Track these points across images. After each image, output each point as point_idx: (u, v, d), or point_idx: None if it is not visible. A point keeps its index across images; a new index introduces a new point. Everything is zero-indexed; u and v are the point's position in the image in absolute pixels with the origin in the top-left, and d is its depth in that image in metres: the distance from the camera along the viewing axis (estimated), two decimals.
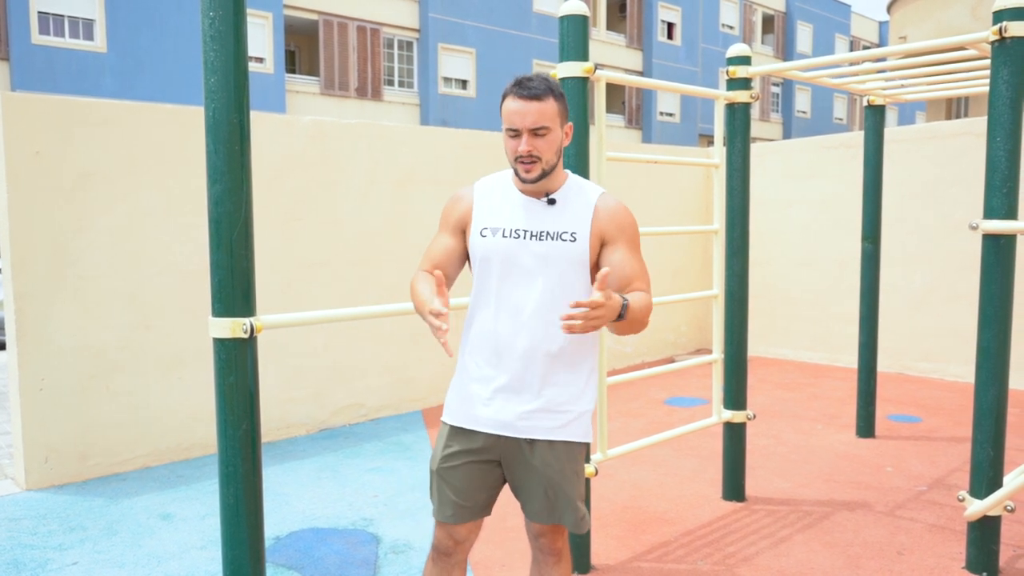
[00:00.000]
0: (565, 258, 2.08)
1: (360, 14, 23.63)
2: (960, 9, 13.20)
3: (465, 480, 2.15)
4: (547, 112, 2.02)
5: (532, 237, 2.08)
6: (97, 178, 4.52)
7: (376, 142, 5.76)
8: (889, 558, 3.40)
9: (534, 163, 2.04)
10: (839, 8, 41.27)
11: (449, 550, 2.22)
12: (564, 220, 2.10)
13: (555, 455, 2.12)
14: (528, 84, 2.02)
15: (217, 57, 2.04)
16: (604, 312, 1.85)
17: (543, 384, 2.09)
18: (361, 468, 4.70)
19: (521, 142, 2.02)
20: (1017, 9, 2.99)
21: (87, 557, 3.49)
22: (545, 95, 2.02)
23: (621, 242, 2.11)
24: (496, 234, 2.10)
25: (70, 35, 18.36)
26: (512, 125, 2.02)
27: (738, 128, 3.94)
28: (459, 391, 2.18)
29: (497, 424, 2.11)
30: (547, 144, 2.04)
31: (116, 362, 4.62)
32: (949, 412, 5.87)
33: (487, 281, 2.12)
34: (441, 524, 2.20)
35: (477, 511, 2.19)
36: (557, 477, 2.12)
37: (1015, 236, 3.10)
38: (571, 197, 2.13)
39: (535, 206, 2.11)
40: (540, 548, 2.24)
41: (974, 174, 6.51)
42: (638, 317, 2.01)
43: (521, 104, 2.01)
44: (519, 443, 2.12)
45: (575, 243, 2.08)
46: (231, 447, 2.16)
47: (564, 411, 2.12)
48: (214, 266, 2.11)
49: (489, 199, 2.16)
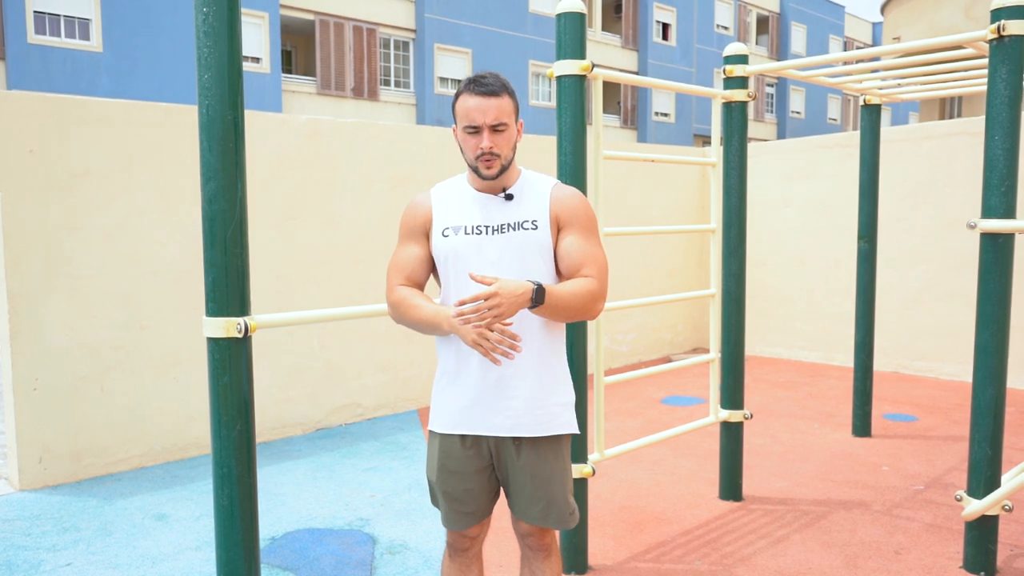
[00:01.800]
0: (528, 246, 2.08)
1: (356, 14, 23.59)
2: (953, 10, 13.23)
3: (464, 490, 2.17)
4: (505, 108, 2.04)
5: (494, 231, 2.09)
6: (91, 177, 4.49)
7: (372, 141, 5.74)
8: (886, 557, 3.39)
9: (495, 159, 2.05)
10: (833, 9, 41.33)
11: (465, 546, 2.27)
12: (522, 210, 2.11)
13: (540, 453, 2.13)
14: (484, 81, 2.03)
15: (211, 53, 2.02)
16: (502, 301, 1.86)
17: (522, 380, 2.09)
18: (358, 468, 4.68)
19: (483, 139, 2.03)
20: (1015, 7, 2.99)
21: (81, 558, 3.46)
22: (502, 92, 2.04)
23: (574, 227, 2.11)
24: (458, 232, 2.10)
25: (66, 35, 18.29)
26: (472, 122, 2.03)
27: (735, 127, 3.93)
28: (442, 398, 2.18)
29: (483, 426, 2.12)
30: (506, 140, 2.06)
31: (110, 362, 4.59)
32: (945, 411, 5.87)
33: (455, 281, 2.12)
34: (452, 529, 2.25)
35: (482, 514, 2.23)
36: (544, 475, 2.13)
37: (1013, 235, 3.09)
38: (526, 190, 2.14)
39: (492, 202, 2.12)
40: (528, 545, 2.26)
41: (969, 173, 6.52)
42: (568, 302, 2.00)
43: (480, 101, 2.02)
44: (506, 443, 2.13)
45: (536, 230, 2.09)
46: (225, 448, 2.14)
47: (546, 406, 2.12)
48: (208, 265, 2.09)
49: (447, 201, 2.16)
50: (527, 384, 2.10)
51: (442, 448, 2.18)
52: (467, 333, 1.94)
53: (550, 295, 1.95)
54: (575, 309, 2.02)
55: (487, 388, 2.10)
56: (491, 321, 1.88)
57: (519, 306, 1.91)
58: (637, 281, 7.80)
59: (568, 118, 3.10)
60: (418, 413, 5.95)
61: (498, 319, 1.89)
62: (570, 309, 2.01)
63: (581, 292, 2.02)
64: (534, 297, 1.93)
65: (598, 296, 2.06)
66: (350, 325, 5.64)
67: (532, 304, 1.94)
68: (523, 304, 1.91)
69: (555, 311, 1.99)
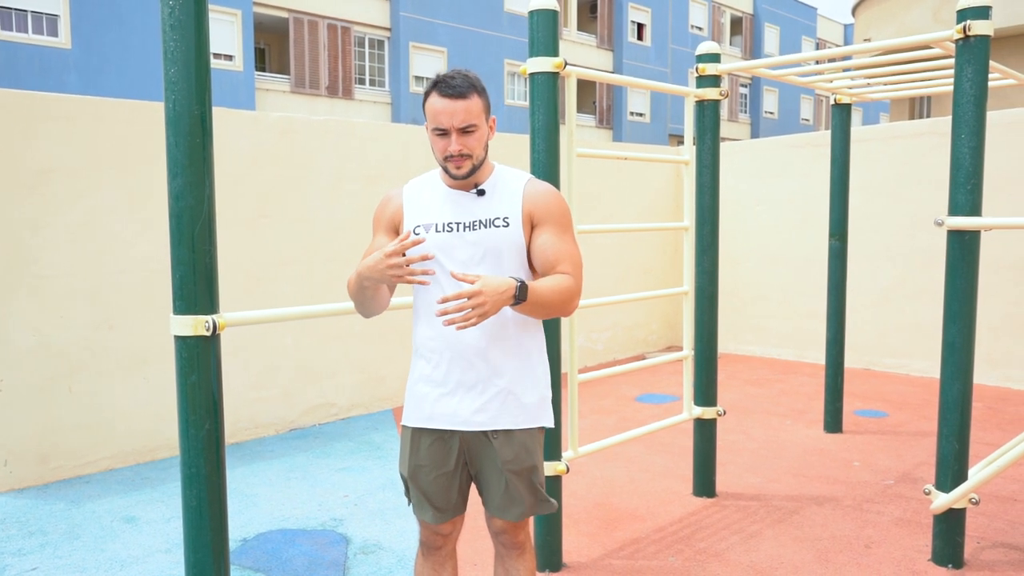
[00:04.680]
0: (501, 243, 2.06)
1: (330, 12, 23.43)
2: (922, 12, 13.42)
3: (436, 485, 2.16)
4: (473, 110, 2.00)
5: (466, 228, 2.07)
6: (58, 174, 4.41)
7: (345, 139, 5.70)
8: (857, 551, 3.43)
9: (465, 159, 2.02)
10: (805, 11, 41.77)
11: (438, 544, 2.25)
12: (495, 207, 2.08)
13: (513, 446, 2.12)
14: (452, 83, 1.99)
15: (177, 47, 1.99)
16: (486, 299, 1.84)
17: (497, 375, 2.08)
18: (331, 468, 4.65)
19: (451, 142, 2.00)
20: (980, 8, 3.03)
21: (47, 562, 3.40)
22: (470, 92, 2.00)
23: (548, 224, 2.09)
24: (429, 230, 2.08)
25: (33, 31, 17.97)
26: (440, 125, 2.00)
27: (708, 125, 3.95)
28: (415, 393, 2.17)
29: (456, 420, 2.10)
30: (476, 141, 2.03)
31: (78, 362, 4.51)
32: (914, 407, 5.95)
33: (431, 277, 2.09)
34: (426, 524, 2.22)
35: (455, 509, 2.21)
36: (517, 468, 2.12)
37: (979, 232, 3.14)
38: (499, 185, 2.11)
39: (464, 198, 2.10)
40: (502, 543, 2.24)
41: (936, 172, 6.62)
42: (549, 299, 1.98)
43: (448, 103, 1.98)
44: (480, 436, 2.12)
45: (508, 227, 2.07)
46: (194, 448, 2.11)
47: (521, 400, 2.11)
48: (175, 262, 2.06)
49: (419, 197, 2.14)
50: (502, 378, 2.09)
51: (414, 443, 2.16)
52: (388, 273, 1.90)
53: (532, 292, 1.94)
54: (554, 306, 2.01)
55: (461, 382, 2.09)
56: (476, 320, 1.86)
57: (503, 303, 1.89)
58: (612, 279, 7.82)
59: (541, 115, 3.10)
60: (393, 412, 5.92)
61: (483, 318, 1.86)
62: (550, 306, 2.00)
63: (560, 289, 2.01)
64: (517, 294, 1.91)
65: (575, 293, 2.05)
66: (323, 324, 5.60)
67: (515, 301, 1.92)
68: (506, 302, 1.90)
69: (535, 308, 1.98)
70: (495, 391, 2.09)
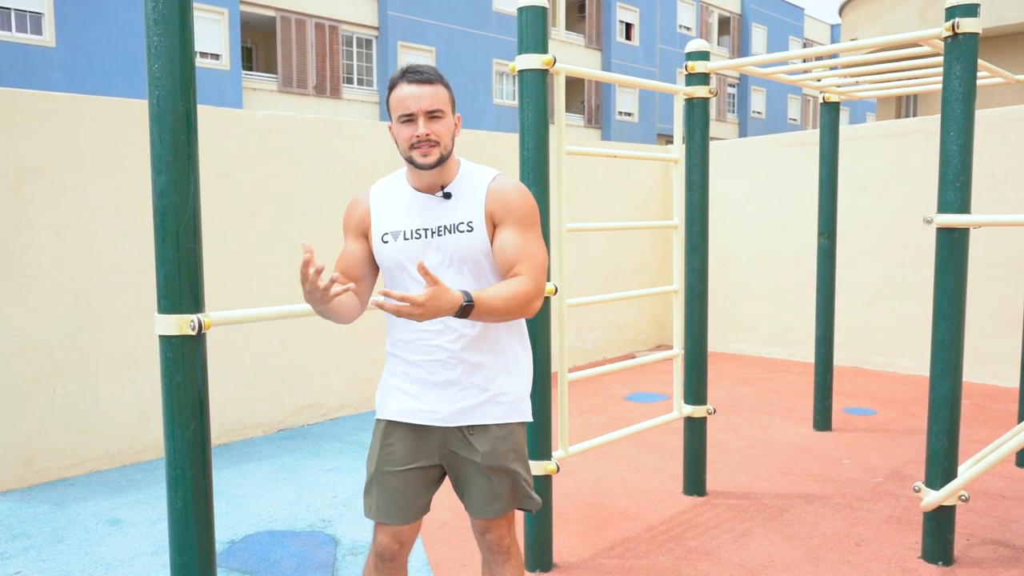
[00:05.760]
0: (465, 249, 2.02)
1: (318, 11, 23.33)
2: (908, 12, 13.50)
3: (405, 481, 2.11)
4: (440, 96, 1.98)
5: (433, 234, 2.03)
6: (42, 172, 4.36)
7: (333, 137, 5.67)
8: (847, 549, 3.43)
9: (433, 146, 1.98)
10: (792, 11, 41.96)
11: (394, 554, 2.16)
12: (459, 210, 2.04)
13: (492, 441, 2.08)
14: (419, 69, 1.99)
15: (161, 42, 1.96)
16: (424, 313, 1.76)
17: (475, 372, 2.06)
18: (320, 469, 4.61)
19: (418, 126, 1.96)
20: (969, 6, 3.03)
21: (31, 566, 3.35)
22: (436, 80, 1.99)
23: (509, 223, 2.03)
24: (397, 238, 2.04)
25: (17, 29, 17.80)
26: (407, 110, 1.96)
27: (697, 123, 3.94)
28: (392, 389, 2.13)
29: (434, 417, 2.07)
30: (444, 128, 1.99)
31: (63, 363, 4.46)
32: (903, 404, 5.98)
33: (398, 284, 2.07)
34: (385, 527, 2.14)
35: (419, 511, 2.16)
36: (497, 462, 2.08)
37: (968, 230, 3.14)
38: (465, 186, 2.06)
39: (431, 202, 2.05)
40: (488, 547, 2.19)
41: (925, 171, 6.65)
42: (500, 308, 1.91)
43: (415, 88, 1.97)
44: (458, 434, 2.09)
45: (472, 232, 2.02)
46: (179, 449, 2.08)
47: (499, 397, 2.09)
48: (159, 260, 2.02)
49: (385, 202, 2.10)
50: (481, 376, 2.06)
51: (386, 435, 2.12)
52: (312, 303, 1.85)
53: (479, 306, 1.86)
54: (509, 312, 1.94)
55: (439, 380, 2.06)
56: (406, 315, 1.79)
57: (441, 316, 1.83)
58: (601, 278, 7.82)
59: (530, 113, 3.08)
60: None
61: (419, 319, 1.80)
62: (504, 313, 1.93)
63: (514, 294, 1.94)
64: (458, 314, 1.84)
65: (532, 296, 1.98)
66: (312, 324, 5.56)
67: (458, 315, 1.85)
68: (445, 314, 1.83)
69: (486, 318, 1.92)
70: (474, 388, 2.06)
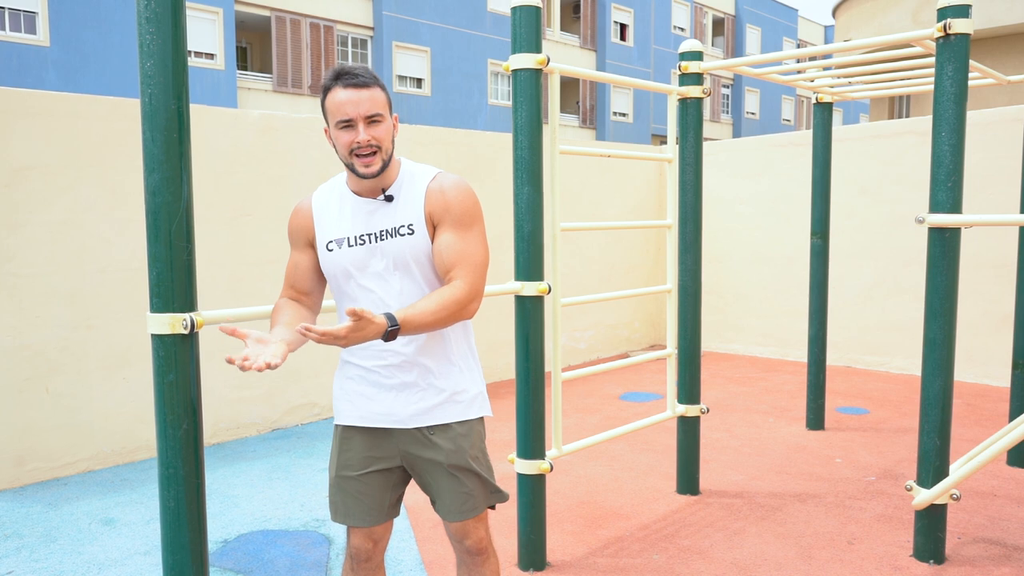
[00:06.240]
0: (407, 253, 1.99)
1: (313, 11, 23.31)
2: (901, 13, 13.54)
3: (367, 483, 2.09)
4: (378, 100, 1.95)
5: (376, 239, 2.00)
6: (35, 172, 4.35)
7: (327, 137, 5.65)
8: (840, 548, 3.44)
9: (374, 154, 1.94)
10: (786, 12, 42.06)
11: (368, 554, 2.15)
12: (400, 213, 2.01)
13: (454, 439, 2.07)
14: (354, 72, 1.93)
15: (153, 40, 1.95)
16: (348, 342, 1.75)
17: (429, 375, 2.05)
18: (314, 468, 4.61)
19: (358, 132, 1.92)
20: (960, 7, 3.05)
21: (23, 566, 3.34)
22: (373, 83, 1.95)
23: (446, 224, 2.00)
24: (342, 245, 2.01)
25: (11, 28, 17.75)
26: (344, 116, 1.92)
27: (690, 123, 3.95)
28: (347, 393, 2.10)
29: (392, 419, 2.05)
30: (384, 132, 1.96)
31: (56, 363, 4.45)
32: (895, 404, 6.00)
33: (346, 290, 2.05)
34: (357, 529, 2.13)
35: (387, 511, 2.14)
36: (460, 460, 2.07)
37: (960, 229, 3.16)
38: (405, 187, 2.03)
39: (373, 206, 2.02)
40: (465, 549, 2.17)
41: (917, 171, 6.67)
42: (430, 322, 1.89)
43: (352, 93, 1.91)
44: (417, 435, 2.07)
45: (414, 235, 1.99)
46: (171, 448, 2.07)
47: (457, 396, 2.08)
48: (152, 259, 2.02)
49: (327, 209, 2.06)
50: (436, 377, 2.05)
51: (344, 441, 2.10)
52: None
53: (406, 327, 1.84)
54: (441, 321, 1.92)
55: (395, 383, 2.04)
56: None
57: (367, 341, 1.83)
58: (595, 278, 7.83)
59: (524, 112, 3.09)
60: None
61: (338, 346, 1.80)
62: (436, 324, 1.91)
63: (445, 304, 1.90)
64: (385, 338, 1.82)
65: (465, 301, 1.95)
66: None
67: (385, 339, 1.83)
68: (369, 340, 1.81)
69: (419, 332, 1.90)
70: (431, 389, 2.05)
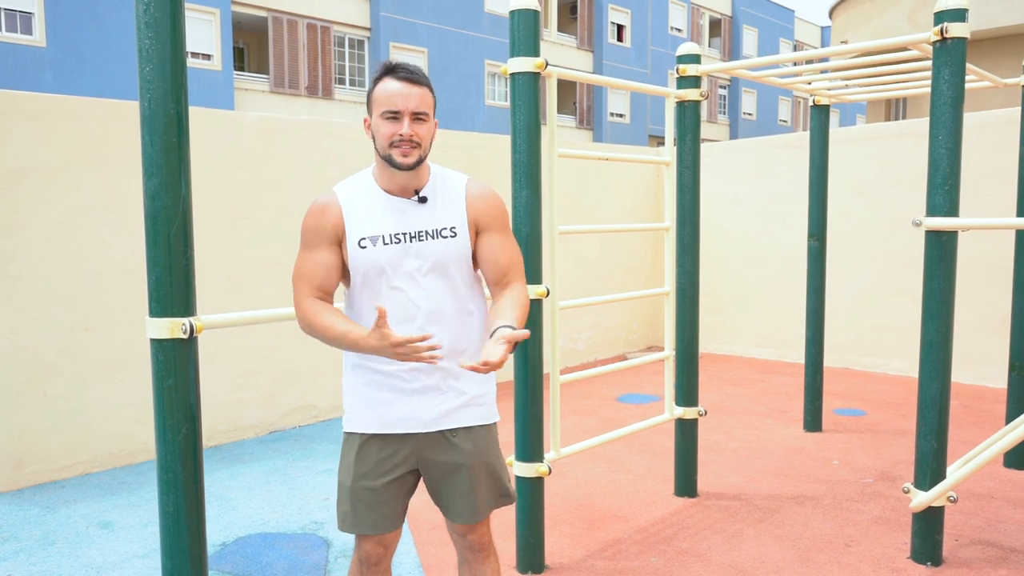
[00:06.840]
0: (447, 255, 2.01)
1: (310, 12, 23.29)
2: (898, 15, 13.57)
3: (386, 492, 2.09)
4: (427, 99, 1.97)
5: (412, 239, 2.00)
6: (33, 173, 4.34)
7: (325, 139, 5.66)
8: (837, 550, 3.45)
9: (414, 148, 1.95)
10: (783, 13, 42.12)
11: (379, 558, 2.16)
12: (439, 216, 2.02)
13: (475, 440, 2.10)
14: (409, 68, 1.96)
15: (152, 45, 1.96)
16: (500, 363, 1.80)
17: (451, 378, 2.06)
18: (312, 471, 4.61)
19: (403, 125, 1.93)
20: (958, 11, 3.06)
21: (21, 569, 3.34)
22: (424, 82, 1.97)
23: (493, 229, 2.07)
24: (376, 242, 2.00)
25: (7, 28, 17.71)
26: (393, 107, 1.93)
27: (688, 126, 3.96)
28: (364, 399, 2.08)
29: (415, 423, 2.06)
30: (426, 131, 1.97)
31: (54, 365, 4.44)
32: (892, 405, 6.01)
33: (375, 290, 2.02)
34: (368, 537, 2.13)
35: (400, 517, 2.15)
36: (481, 460, 2.10)
37: (956, 232, 3.17)
38: (439, 190, 2.05)
39: (406, 206, 2.02)
40: (469, 546, 2.19)
41: (914, 173, 6.68)
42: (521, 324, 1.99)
43: (404, 87, 1.93)
44: (438, 438, 2.08)
45: (456, 238, 2.02)
46: (170, 452, 2.08)
47: (477, 399, 2.11)
48: (151, 263, 2.03)
49: (357, 206, 2.03)
50: (458, 380, 2.07)
51: (363, 449, 2.09)
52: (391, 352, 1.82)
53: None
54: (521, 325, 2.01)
55: (419, 387, 2.04)
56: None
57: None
58: (593, 280, 7.83)
59: (522, 115, 3.09)
60: None
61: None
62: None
63: (525, 306, 2.03)
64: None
65: (528, 303, 2.07)
66: None
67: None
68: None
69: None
70: (452, 392, 2.07)
